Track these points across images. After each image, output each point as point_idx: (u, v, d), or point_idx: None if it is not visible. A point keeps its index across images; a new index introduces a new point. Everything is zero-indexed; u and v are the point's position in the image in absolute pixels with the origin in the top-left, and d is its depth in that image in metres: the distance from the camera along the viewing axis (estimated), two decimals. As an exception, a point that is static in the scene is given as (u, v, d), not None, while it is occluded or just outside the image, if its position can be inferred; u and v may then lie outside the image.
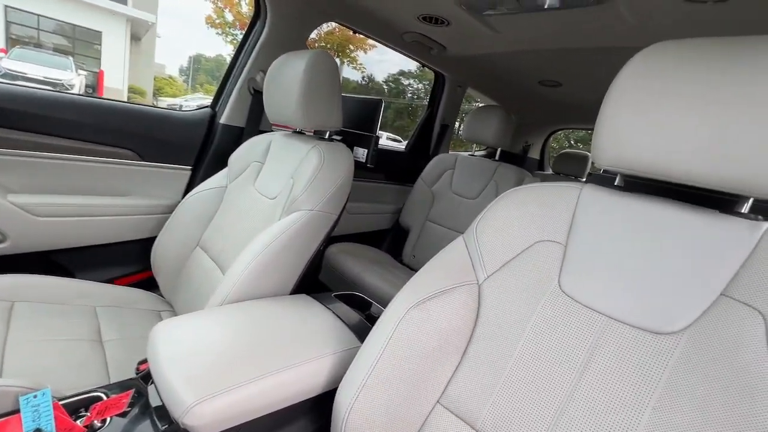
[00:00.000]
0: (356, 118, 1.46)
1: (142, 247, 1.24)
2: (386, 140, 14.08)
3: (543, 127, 2.85)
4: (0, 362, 0.76)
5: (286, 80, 1.03)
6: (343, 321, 0.83)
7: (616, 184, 0.66)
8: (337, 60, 12.22)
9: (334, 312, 0.86)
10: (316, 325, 0.79)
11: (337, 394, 0.61)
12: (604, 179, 0.68)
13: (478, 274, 0.67)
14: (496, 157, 1.85)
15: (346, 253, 1.69)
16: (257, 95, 1.34)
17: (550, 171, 3.09)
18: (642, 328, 0.52)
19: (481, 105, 2.01)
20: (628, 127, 0.54)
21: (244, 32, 1.37)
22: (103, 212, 1.18)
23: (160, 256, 1.19)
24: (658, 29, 0.96)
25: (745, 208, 0.53)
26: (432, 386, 0.62)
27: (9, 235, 1.05)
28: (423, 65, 1.84)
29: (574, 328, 0.57)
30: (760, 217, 0.53)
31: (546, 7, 0.94)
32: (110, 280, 1.23)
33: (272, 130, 1.37)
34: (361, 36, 1.60)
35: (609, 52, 1.21)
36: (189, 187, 1.34)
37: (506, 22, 1.17)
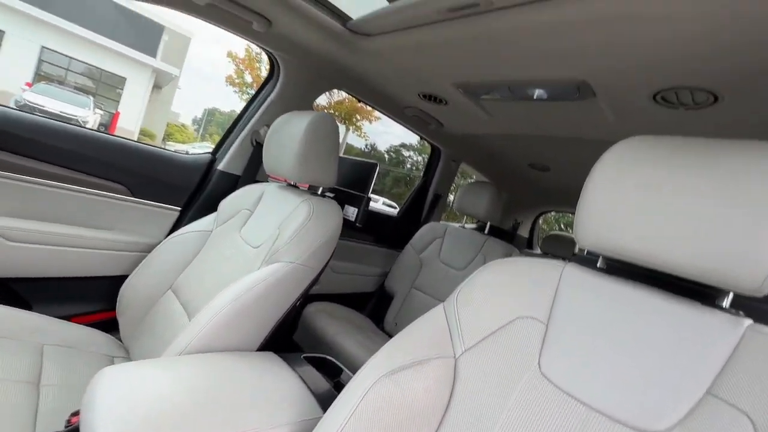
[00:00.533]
0: (351, 178, 1.50)
1: (112, 285, 1.18)
2: (383, 205, 14.38)
3: (532, 207, 2.94)
4: None
5: (288, 135, 1.07)
6: (308, 387, 0.76)
7: (598, 266, 0.66)
8: (343, 127, 12.93)
9: (300, 376, 0.79)
10: (278, 388, 0.73)
11: None
12: (587, 260, 0.68)
13: (456, 347, 0.63)
14: (486, 231, 1.88)
15: (324, 313, 1.63)
16: (258, 148, 1.39)
17: (538, 250, 3.13)
18: (625, 424, 0.48)
19: (474, 180, 2.09)
20: (607, 213, 0.56)
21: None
22: (79, 243, 1.14)
23: (127, 296, 1.13)
24: (635, 126, 1.04)
25: (726, 303, 0.53)
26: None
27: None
28: (421, 138, 1.95)
29: (554, 417, 0.53)
30: (741, 312, 0.52)
31: (535, 97, 1.02)
32: (68, 317, 1.15)
33: (267, 182, 1.39)
34: (368, 108, 1.70)
35: (594, 143, 1.30)
36: (174, 228, 1.32)
37: (499, 107, 1.27)
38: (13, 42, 11.08)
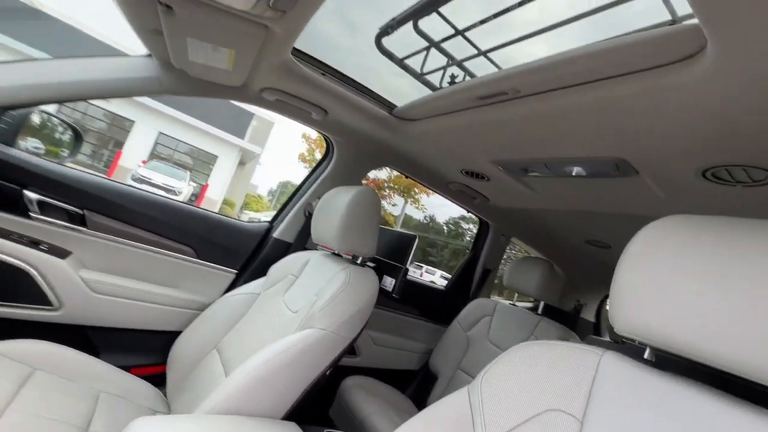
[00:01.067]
0: (391, 249, 1.54)
1: (168, 340, 1.28)
2: (440, 278, 14.04)
3: (597, 287, 2.69)
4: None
5: (333, 207, 1.16)
6: None
7: (645, 357, 0.59)
8: (402, 199, 13.40)
9: None
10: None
11: None
12: (630, 349, 0.62)
13: (479, 436, 0.58)
14: (539, 311, 1.75)
15: (362, 389, 1.57)
16: (309, 218, 1.51)
17: (607, 337, 2.77)
18: None
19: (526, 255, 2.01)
20: (650, 296, 0.52)
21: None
22: (146, 298, 1.28)
23: (177, 351, 1.21)
24: (688, 203, 0.97)
25: None
26: None
27: (65, 305, 1.17)
28: (468, 212, 1.96)
29: None
30: None
31: (574, 174, 1.02)
32: (128, 367, 1.25)
33: (316, 249, 1.48)
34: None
35: (652, 220, 1.21)
36: (229, 289, 1.43)
37: (542, 183, 1.27)
38: (139, 129, 13.72)
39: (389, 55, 1.24)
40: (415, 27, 1.14)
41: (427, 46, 1.18)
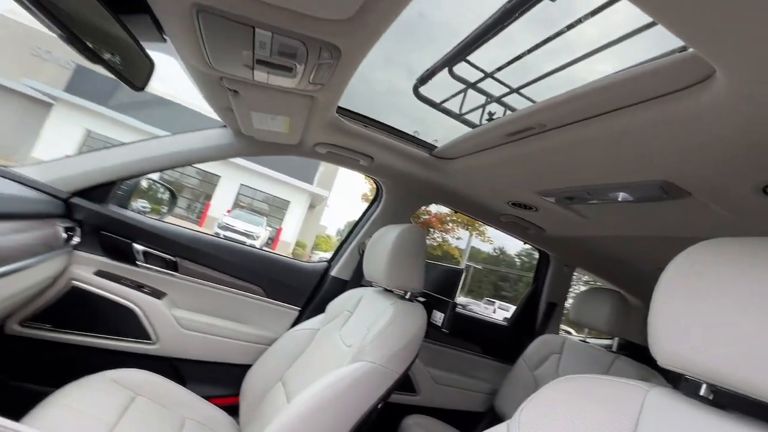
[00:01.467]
0: (440, 283, 1.55)
1: (242, 373, 1.41)
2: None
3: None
4: (101, 442, 0.92)
5: (382, 245, 1.24)
6: None
7: (701, 394, 0.55)
8: (467, 232, 13.14)
9: None
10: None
11: None
12: (681, 384, 0.58)
13: (516, 471, 0.58)
14: (614, 348, 1.60)
15: (422, 428, 1.55)
16: (363, 257, 1.60)
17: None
18: None
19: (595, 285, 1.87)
20: (690, 325, 0.50)
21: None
22: (224, 334, 1.44)
23: (248, 383, 1.33)
24: (757, 222, 0.87)
25: None
26: None
27: (161, 339, 1.37)
28: (524, 243, 1.91)
29: None
30: None
31: (620, 200, 0.98)
32: (208, 397, 1.39)
33: (372, 286, 1.55)
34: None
35: None
36: (294, 324, 1.56)
37: (592, 210, 1.22)
38: (224, 183, 15.55)
39: (428, 102, 1.34)
40: (450, 73, 1.24)
41: (464, 88, 1.26)
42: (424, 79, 1.29)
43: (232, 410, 1.35)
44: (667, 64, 0.61)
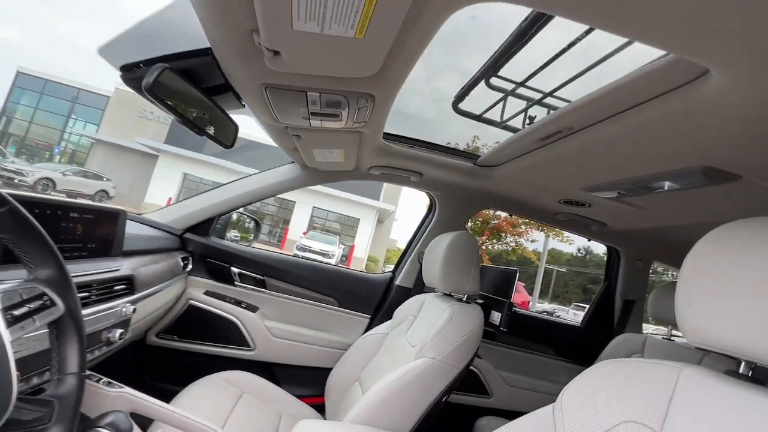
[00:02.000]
0: (496, 285, 1.59)
1: (323, 374, 1.61)
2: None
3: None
4: (222, 426, 1.15)
5: (436, 253, 1.35)
6: None
7: (741, 372, 0.57)
8: (542, 234, 12.40)
9: None
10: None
11: None
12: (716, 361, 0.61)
13: (559, 447, 0.65)
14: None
15: (494, 430, 1.58)
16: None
17: None
18: None
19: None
20: (716, 302, 0.53)
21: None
22: (308, 341, 1.66)
23: (331, 384, 1.51)
24: None
25: None
26: None
27: (258, 346, 1.63)
28: (589, 240, 1.87)
29: None
30: None
31: (666, 189, 0.97)
32: (300, 396, 1.60)
33: (433, 291, 1.66)
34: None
35: None
36: (365, 330, 1.72)
37: (645, 201, 1.20)
38: (298, 207, 16.77)
39: (469, 115, 1.44)
40: (488, 84, 1.32)
41: (503, 97, 1.34)
42: (461, 95, 1.40)
43: (320, 409, 1.54)
44: (673, 60, 0.65)
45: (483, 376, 1.80)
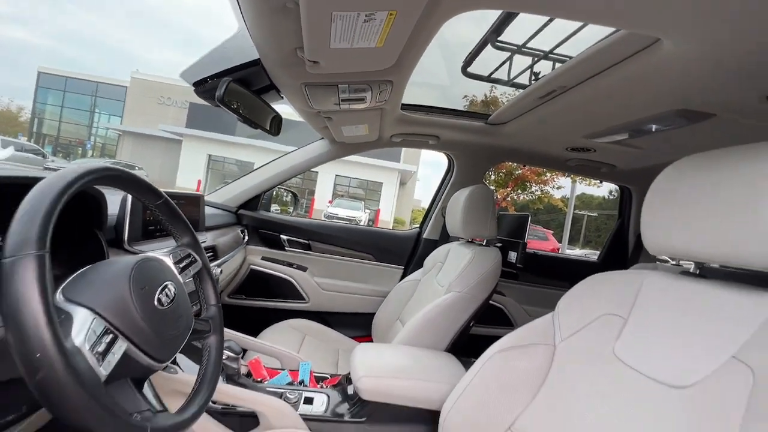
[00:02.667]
0: (512, 229, 1.78)
1: (369, 319, 1.89)
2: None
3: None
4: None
5: (457, 206, 1.54)
6: (464, 368, 1.11)
7: (690, 271, 0.76)
8: (569, 180, 12.17)
9: (462, 365, 1.15)
10: (445, 366, 1.12)
11: (445, 403, 0.91)
12: (669, 267, 0.79)
13: (556, 338, 0.87)
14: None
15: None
16: (446, 218, 1.92)
17: None
18: (663, 382, 0.62)
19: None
20: (673, 222, 0.69)
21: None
22: (352, 291, 1.94)
23: (376, 324, 1.79)
24: None
25: None
26: (506, 415, 0.83)
27: (311, 299, 1.93)
28: (601, 181, 1.99)
29: (619, 385, 0.69)
30: None
31: (654, 130, 1.10)
32: (352, 337, 1.90)
33: (457, 240, 1.87)
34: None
35: None
36: (401, 279, 1.97)
37: (643, 141, 1.33)
38: (321, 177, 17.07)
39: (478, 77, 1.58)
40: (494, 45, 1.44)
41: (510, 56, 1.47)
42: (469, 60, 1.53)
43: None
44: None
45: (508, 311, 2.04)
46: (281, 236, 1.93)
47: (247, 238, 1.85)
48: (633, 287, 0.80)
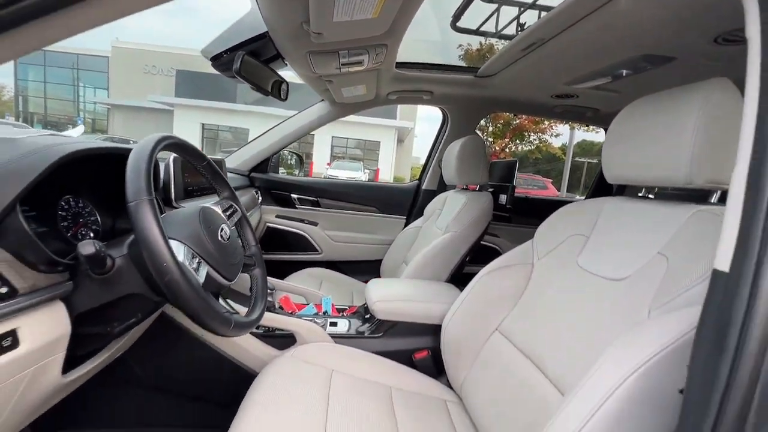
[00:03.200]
0: (502, 175, 1.93)
1: (377, 264, 2.10)
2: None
3: None
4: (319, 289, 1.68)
5: (451, 156, 1.69)
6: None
7: (641, 195, 0.93)
8: (567, 127, 12.09)
9: (459, 290, 1.36)
10: (445, 291, 1.33)
11: (444, 318, 1.12)
12: (625, 193, 0.96)
13: (534, 258, 1.06)
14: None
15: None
16: (443, 169, 2.07)
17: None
18: (605, 276, 0.81)
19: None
20: (628, 154, 0.85)
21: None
22: (359, 241, 2.14)
23: (384, 268, 2.01)
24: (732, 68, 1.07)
25: (714, 199, 0.75)
26: (492, 322, 1.04)
27: (323, 250, 2.13)
28: (588, 125, 2.11)
29: (578, 285, 0.88)
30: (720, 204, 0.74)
31: (624, 75, 1.22)
32: (362, 280, 2.12)
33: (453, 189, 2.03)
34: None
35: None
36: (404, 227, 2.17)
37: (620, 84, 1.45)
38: (318, 139, 16.92)
39: (467, 31, 1.66)
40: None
41: (497, 7, 1.55)
42: (458, 15, 1.61)
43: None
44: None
45: (502, 251, 2.25)
46: (292, 195, 2.09)
47: (260, 198, 2.01)
48: (596, 211, 0.97)
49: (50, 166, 0.58)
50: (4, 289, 0.51)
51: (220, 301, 0.84)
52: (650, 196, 0.90)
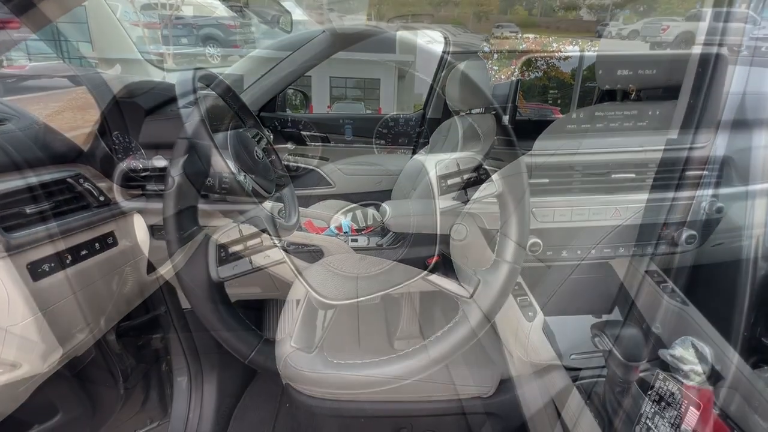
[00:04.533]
0: (505, 95, 1.97)
1: (388, 194, 2.22)
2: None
3: None
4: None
5: (454, 80, 1.72)
6: None
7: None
8: (576, 48, 11.41)
9: None
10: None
11: (453, 226, 1.26)
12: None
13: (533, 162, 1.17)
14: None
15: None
16: (446, 97, 2.10)
17: None
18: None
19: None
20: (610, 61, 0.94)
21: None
22: (370, 173, 2.25)
23: (394, 197, 2.13)
24: None
25: None
26: (494, 223, 1.18)
27: (337, 184, 2.25)
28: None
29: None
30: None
31: None
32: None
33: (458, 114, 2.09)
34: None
35: None
36: (411, 156, 2.26)
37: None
38: (315, 81, 16.34)
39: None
40: None
41: None
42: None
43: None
44: None
45: None
46: (301, 132, 2.17)
47: (272, 136, 2.10)
48: (589, 114, 1.06)
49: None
50: (102, 198, 0.64)
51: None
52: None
